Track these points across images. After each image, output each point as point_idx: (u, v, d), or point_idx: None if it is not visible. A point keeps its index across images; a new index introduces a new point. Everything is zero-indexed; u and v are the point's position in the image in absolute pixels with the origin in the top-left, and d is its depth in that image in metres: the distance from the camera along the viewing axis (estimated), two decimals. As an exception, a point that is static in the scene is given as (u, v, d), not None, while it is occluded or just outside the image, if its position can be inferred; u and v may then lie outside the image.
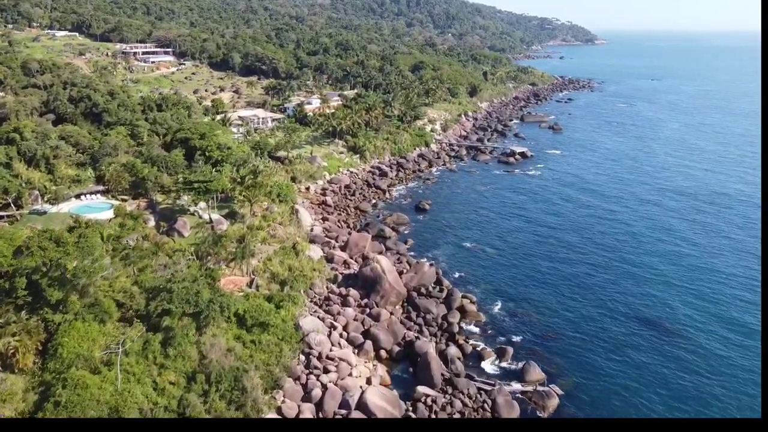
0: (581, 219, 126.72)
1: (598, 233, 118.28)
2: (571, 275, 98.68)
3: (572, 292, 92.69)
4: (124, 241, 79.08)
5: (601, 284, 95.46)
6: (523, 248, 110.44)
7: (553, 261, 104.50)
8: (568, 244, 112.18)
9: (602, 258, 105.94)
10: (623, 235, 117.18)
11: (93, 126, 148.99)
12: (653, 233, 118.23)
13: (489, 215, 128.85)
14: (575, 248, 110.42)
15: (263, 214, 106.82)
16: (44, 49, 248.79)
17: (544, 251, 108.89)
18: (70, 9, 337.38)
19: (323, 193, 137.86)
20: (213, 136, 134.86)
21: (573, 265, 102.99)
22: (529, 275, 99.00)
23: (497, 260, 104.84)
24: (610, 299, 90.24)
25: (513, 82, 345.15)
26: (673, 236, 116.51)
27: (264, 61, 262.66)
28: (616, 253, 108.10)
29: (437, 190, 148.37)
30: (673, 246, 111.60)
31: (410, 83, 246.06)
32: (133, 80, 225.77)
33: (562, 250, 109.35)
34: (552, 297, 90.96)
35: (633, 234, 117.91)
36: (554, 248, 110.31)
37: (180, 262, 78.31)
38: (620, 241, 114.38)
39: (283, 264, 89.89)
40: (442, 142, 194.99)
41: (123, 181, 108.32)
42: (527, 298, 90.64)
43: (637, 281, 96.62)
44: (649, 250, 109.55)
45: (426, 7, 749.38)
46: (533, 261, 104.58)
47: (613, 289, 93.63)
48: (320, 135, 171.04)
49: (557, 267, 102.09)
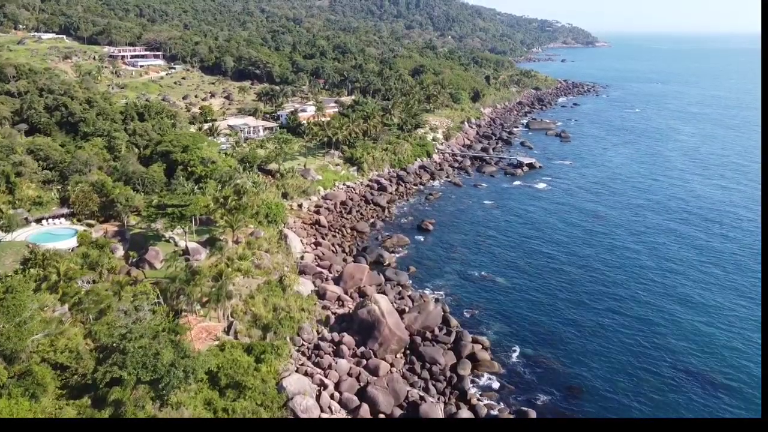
0: (601, 243, 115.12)
1: (622, 261, 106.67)
2: (597, 311, 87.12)
3: (601, 333, 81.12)
4: (77, 283, 67.37)
5: (632, 324, 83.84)
6: (538, 278, 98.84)
7: (574, 293, 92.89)
8: (590, 273, 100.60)
9: (632, 291, 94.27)
10: (648, 265, 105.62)
11: (68, 137, 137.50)
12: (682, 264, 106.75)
13: (498, 237, 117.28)
14: (598, 278, 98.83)
15: (248, 240, 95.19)
16: (28, 53, 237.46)
17: (562, 282, 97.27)
18: (58, 11, 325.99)
19: (317, 211, 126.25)
20: (196, 149, 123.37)
21: (598, 298, 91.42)
22: (549, 311, 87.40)
23: (511, 293, 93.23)
24: (645, 343, 78.66)
25: (516, 86, 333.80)
26: (708, 267, 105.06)
27: (258, 65, 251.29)
28: (642, 285, 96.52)
29: (440, 206, 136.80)
30: (713, 278, 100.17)
31: (410, 88, 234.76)
32: (119, 85, 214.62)
33: (583, 280, 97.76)
34: (577, 340, 79.39)
35: (660, 263, 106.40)
36: (574, 278, 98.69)
37: (143, 308, 66.62)
38: (646, 271, 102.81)
39: (268, 303, 78.24)
40: (445, 152, 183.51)
41: (91, 203, 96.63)
42: (548, 341, 79.06)
43: (675, 321, 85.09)
44: (685, 282, 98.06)
45: (425, 9, 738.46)
46: (551, 294, 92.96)
47: (646, 330, 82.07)
48: (315, 145, 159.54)
49: (580, 301, 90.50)
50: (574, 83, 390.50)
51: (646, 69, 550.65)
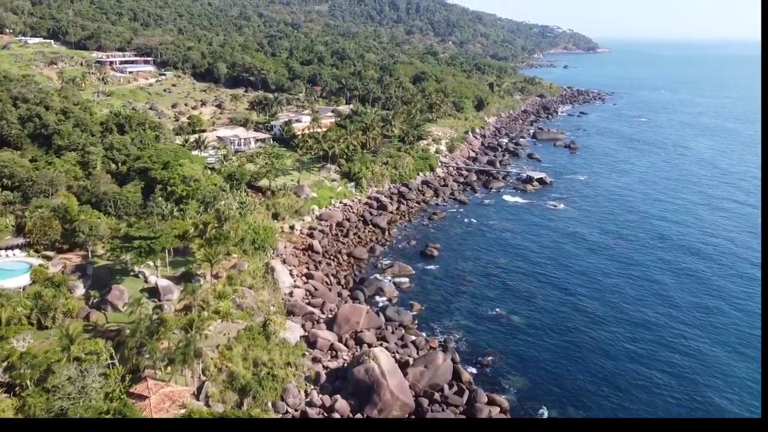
0: (625, 273, 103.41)
1: (648, 294, 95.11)
2: (628, 357, 75.48)
3: (636, 385, 69.50)
4: (10, 344, 55.71)
5: (669, 379, 72.25)
6: (558, 315, 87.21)
7: (601, 336, 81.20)
8: (615, 311, 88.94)
9: (661, 332, 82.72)
10: (676, 299, 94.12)
11: (41, 151, 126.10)
12: (719, 296, 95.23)
13: (511, 265, 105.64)
14: (625, 317, 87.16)
15: (229, 274, 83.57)
16: (12, 58, 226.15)
17: (586, 321, 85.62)
18: (48, 14, 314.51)
19: (310, 234, 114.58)
20: (178, 165, 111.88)
21: (627, 342, 79.78)
22: (574, 358, 75.80)
23: (529, 335, 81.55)
24: (697, 400, 67.05)
25: (520, 93, 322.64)
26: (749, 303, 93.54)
27: (252, 72, 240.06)
28: (673, 323, 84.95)
29: (446, 228, 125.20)
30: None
31: (412, 97, 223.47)
32: (105, 93, 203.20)
33: (609, 319, 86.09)
34: (613, 397, 67.75)
35: (690, 295, 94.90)
36: (599, 316, 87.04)
37: (92, 372, 54.91)
38: (675, 307, 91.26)
39: (248, 357, 66.52)
40: (449, 165, 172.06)
41: (51, 232, 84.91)
42: (578, 399, 67.44)
43: (727, 373, 73.52)
44: (726, 322, 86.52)
45: (426, 14, 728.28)
46: (575, 336, 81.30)
47: (692, 387, 70.47)
48: (309, 159, 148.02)
49: (608, 345, 78.86)
50: (579, 90, 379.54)
51: (650, 76, 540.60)
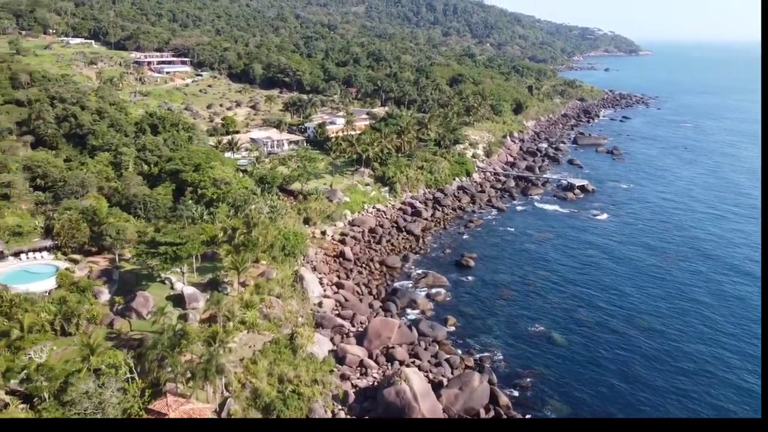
0: (677, 294, 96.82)
1: (701, 319, 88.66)
2: (682, 390, 69.70)
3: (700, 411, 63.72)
4: (26, 355, 53.49)
5: (733, 410, 66.28)
6: (603, 335, 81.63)
7: (651, 363, 75.47)
8: (666, 337, 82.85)
9: (715, 363, 76.53)
10: (733, 327, 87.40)
11: (76, 150, 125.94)
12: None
13: (551, 278, 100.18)
14: (677, 345, 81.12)
15: (256, 282, 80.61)
16: (54, 58, 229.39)
17: (632, 344, 79.85)
18: (90, 15, 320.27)
19: (342, 241, 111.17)
20: (209, 168, 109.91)
21: (679, 374, 73.88)
22: (622, 387, 70.30)
23: (572, 356, 76.32)
24: None
25: (560, 96, 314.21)
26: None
27: (287, 73, 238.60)
28: (736, 356, 78.59)
29: (482, 236, 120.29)
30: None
31: (448, 99, 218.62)
32: (142, 93, 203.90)
33: (659, 343, 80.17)
34: None
35: (750, 322, 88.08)
36: (647, 339, 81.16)
37: (110, 385, 52.32)
38: (737, 336, 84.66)
39: (273, 373, 63.25)
40: (486, 170, 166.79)
41: (78, 234, 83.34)
42: None
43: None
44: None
45: (463, 15, 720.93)
46: (621, 360, 75.71)
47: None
48: (343, 162, 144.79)
49: (659, 377, 73.12)
50: (621, 94, 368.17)
51: (693, 79, 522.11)
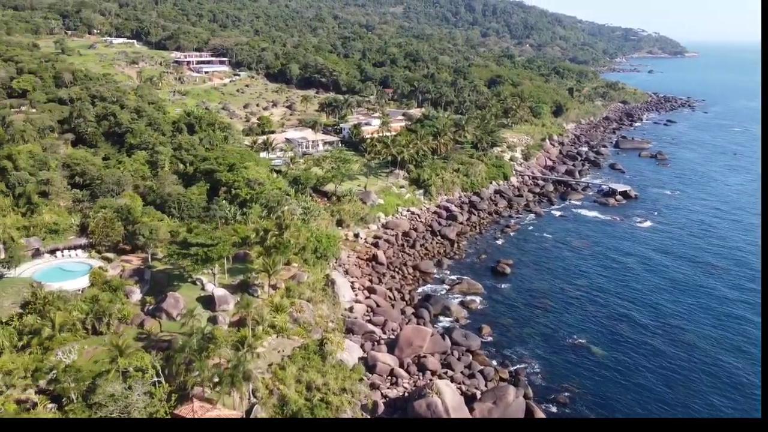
0: (727, 311, 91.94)
1: (747, 338, 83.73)
2: (738, 400, 65.54)
3: None
4: (55, 356, 53.12)
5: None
6: (645, 351, 77.70)
7: (701, 385, 71.38)
8: (712, 356, 78.44)
9: None
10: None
11: (114, 149, 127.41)
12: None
13: (591, 288, 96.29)
14: (729, 361, 76.64)
15: (287, 285, 79.34)
16: (97, 57, 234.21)
17: (680, 363, 75.74)
18: (133, 16, 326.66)
19: (375, 244, 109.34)
20: (243, 168, 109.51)
21: (729, 390, 69.62)
22: (666, 405, 66.48)
23: (613, 372, 72.69)
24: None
25: (602, 99, 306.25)
26: None
27: (324, 73, 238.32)
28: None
29: (520, 242, 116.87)
30: None
31: (486, 101, 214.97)
32: (181, 92, 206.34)
33: (704, 365, 75.85)
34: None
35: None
36: (696, 359, 76.90)
37: (137, 389, 51.53)
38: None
39: (302, 379, 61.74)
40: (524, 174, 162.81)
41: (112, 233, 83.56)
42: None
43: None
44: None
45: (503, 16, 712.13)
46: (666, 378, 71.71)
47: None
48: (377, 164, 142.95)
49: (706, 395, 69.01)
50: (665, 97, 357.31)
51: (743, 82, 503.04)
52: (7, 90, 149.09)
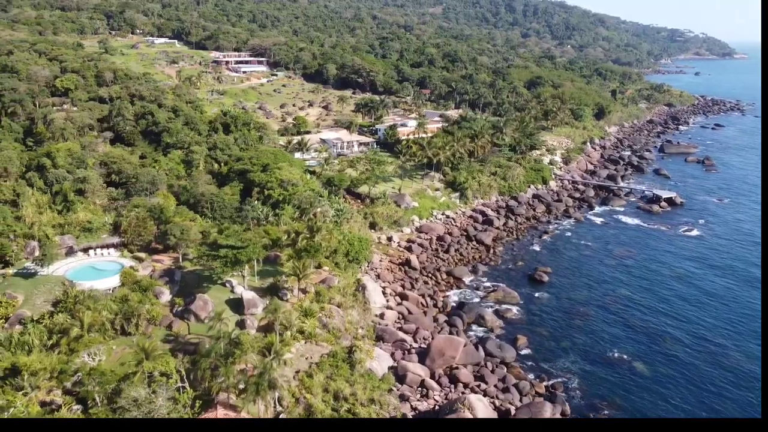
0: None
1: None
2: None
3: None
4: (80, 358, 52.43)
5: None
6: (693, 369, 73.26)
7: (748, 405, 66.81)
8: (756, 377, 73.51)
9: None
10: None
11: (151, 147, 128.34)
12: None
13: (635, 299, 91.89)
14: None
15: (317, 289, 77.66)
16: (138, 57, 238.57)
17: (730, 382, 71.15)
18: (175, 16, 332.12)
19: (408, 248, 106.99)
20: (276, 168, 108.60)
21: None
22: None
23: (657, 391, 68.64)
24: None
25: (646, 101, 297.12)
26: None
27: (361, 73, 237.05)
28: None
29: (558, 249, 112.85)
30: None
31: (526, 103, 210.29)
32: (219, 92, 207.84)
33: (754, 387, 71.08)
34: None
35: None
36: (741, 382, 72.15)
37: (161, 394, 50.42)
38: None
39: (329, 388, 59.84)
40: (564, 178, 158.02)
41: (144, 233, 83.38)
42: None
43: None
44: None
45: (543, 17, 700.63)
46: (712, 403, 67.35)
47: None
48: (412, 166, 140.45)
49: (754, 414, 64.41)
50: (713, 100, 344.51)
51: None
52: (50, 89, 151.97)
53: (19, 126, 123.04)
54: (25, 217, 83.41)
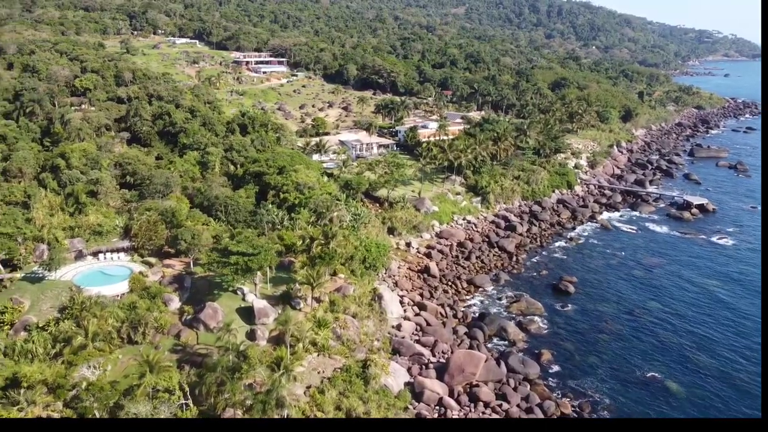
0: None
1: None
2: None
3: None
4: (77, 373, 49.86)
5: None
6: (732, 389, 68.53)
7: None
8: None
9: None
10: None
11: (167, 148, 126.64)
12: None
13: (665, 313, 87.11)
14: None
15: (332, 298, 74.52)
16: (160, 57, 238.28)
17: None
18: (196, 17, 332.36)
19: (428, 254, 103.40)
20: (292, 171, 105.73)
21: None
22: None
23: (693, 414, 64.10)
24: None
25: (674, 104, 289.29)
26: None
27: (381, 74, 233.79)
28: None
29: (584, 257, 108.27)
30: None
31: (550, 105, 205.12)
32: (238, 92, 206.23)
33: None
34: None
35: None
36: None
37: (162, 412, 47.58)
38: None
39: (341, 406, 56.60)
40: (589, 183, 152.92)
41: (155, 237, 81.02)
42: None
43: None
44: None
45: (568, 17, 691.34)
46: (757, 424, 62.56)
47: None
48: (432, 169, 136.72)
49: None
50: (744, 102, 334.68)
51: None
52: (70, 88, 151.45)
53: (37, 126, 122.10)
54: (36, 219, 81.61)
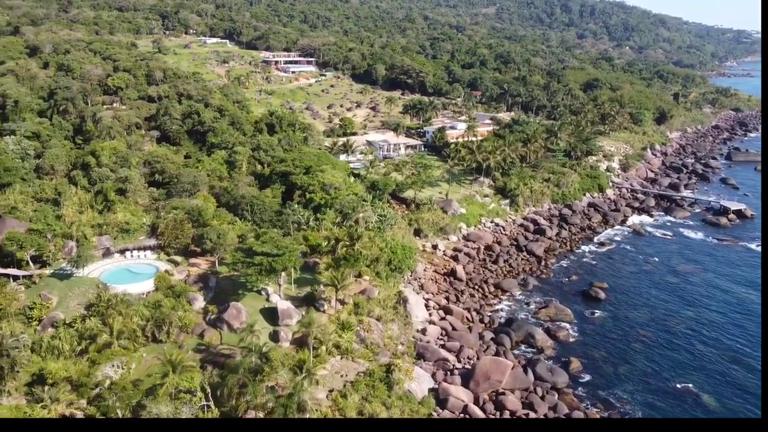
0: None
1: None
2: None
3: None
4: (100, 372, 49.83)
5: None
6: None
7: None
8: None
9: None
10: None
11: (196, 147, 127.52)
12: None
13: (701, 322, 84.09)
14: None
15: (356, 300, 73.64)
16: (191, 56, 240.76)
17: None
18: (227, 17, 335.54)
19: (454, 257, 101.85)
20: (319, 171, 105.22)
21: None
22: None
23: (729, 430, 61.46)
24: None
25: (710, 106, 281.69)
26: None
27: (410, 74, 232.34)
28: None
29: (615, 263, 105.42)
30: None
31: (582, 106, 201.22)
32: (267, 92, 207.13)
33: None
34: None
35: None
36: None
37: (183, 413, 47.22)
38: None
39: (364, 411, 55.67)
40: (622, 186, 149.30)
41: (182, 236, 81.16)
42: None
43: None
44: None
45: (601, 17, 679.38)
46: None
47: None
48: (460, 171, 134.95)
49: None
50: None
51: None
52: (103, 87, 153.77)
53: (69, 124, 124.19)
54: (65, 216, 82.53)
